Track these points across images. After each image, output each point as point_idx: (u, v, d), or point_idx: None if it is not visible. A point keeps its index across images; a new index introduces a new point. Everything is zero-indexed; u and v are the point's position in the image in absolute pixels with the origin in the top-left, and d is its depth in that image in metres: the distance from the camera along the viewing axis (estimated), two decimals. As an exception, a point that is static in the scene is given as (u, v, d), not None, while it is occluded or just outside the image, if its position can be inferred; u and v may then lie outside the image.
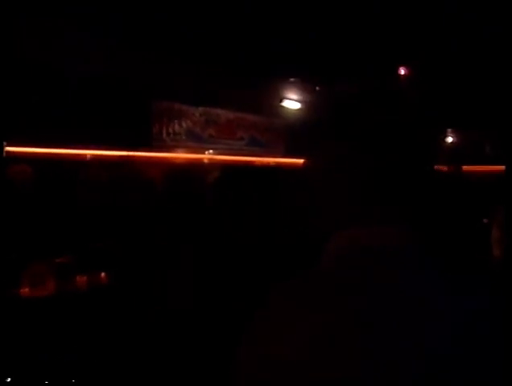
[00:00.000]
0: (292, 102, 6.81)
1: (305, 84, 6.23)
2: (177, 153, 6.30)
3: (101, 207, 3.76)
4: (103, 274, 2.74)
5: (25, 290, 2.69)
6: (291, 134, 6.94)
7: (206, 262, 2.21)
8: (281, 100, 6.92)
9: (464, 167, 7.04)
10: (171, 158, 6.17)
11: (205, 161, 6.51)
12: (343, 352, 0.61)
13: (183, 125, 6.36)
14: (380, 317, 0.63)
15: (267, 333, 0.65)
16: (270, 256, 1.90)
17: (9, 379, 2.24)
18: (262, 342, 0.65)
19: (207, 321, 1.85)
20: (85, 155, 4.50)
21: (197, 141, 6.47)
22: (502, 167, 5.85)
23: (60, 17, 3.92)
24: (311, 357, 0.61)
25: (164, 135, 6.22)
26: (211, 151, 6.55)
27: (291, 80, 6.59)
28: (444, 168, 6.77)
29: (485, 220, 4.88)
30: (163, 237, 3.48)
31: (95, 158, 4.70)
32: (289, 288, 0.70)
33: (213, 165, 6.29)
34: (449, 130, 9.20)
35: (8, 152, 4.14)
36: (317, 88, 6.37)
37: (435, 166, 0.74)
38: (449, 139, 9.41)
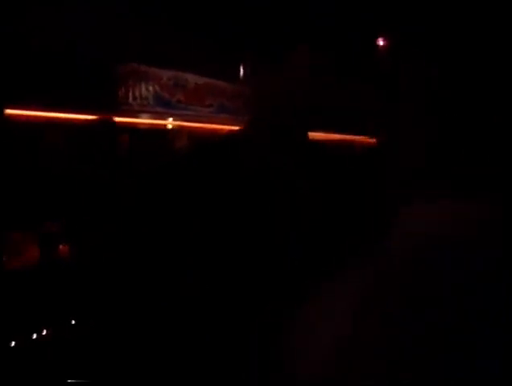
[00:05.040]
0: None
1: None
2: (144, 118, 6.13)
3: (68, 174, 3.64)
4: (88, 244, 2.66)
5: (7, 260, 2.58)
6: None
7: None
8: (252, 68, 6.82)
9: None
10: (138, 123, 6.00)
11: (173, 127, 6.37)
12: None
13: (151, 89, 6.16)
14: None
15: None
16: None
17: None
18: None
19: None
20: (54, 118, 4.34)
21: (165, 106, 6.29)
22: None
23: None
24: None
25: (130, 99, 6.01)
26: (179, 117, 6.41)
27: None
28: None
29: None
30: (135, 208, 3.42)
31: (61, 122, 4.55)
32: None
33: (182, 132, 6.17)
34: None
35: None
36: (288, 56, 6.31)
37: None
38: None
